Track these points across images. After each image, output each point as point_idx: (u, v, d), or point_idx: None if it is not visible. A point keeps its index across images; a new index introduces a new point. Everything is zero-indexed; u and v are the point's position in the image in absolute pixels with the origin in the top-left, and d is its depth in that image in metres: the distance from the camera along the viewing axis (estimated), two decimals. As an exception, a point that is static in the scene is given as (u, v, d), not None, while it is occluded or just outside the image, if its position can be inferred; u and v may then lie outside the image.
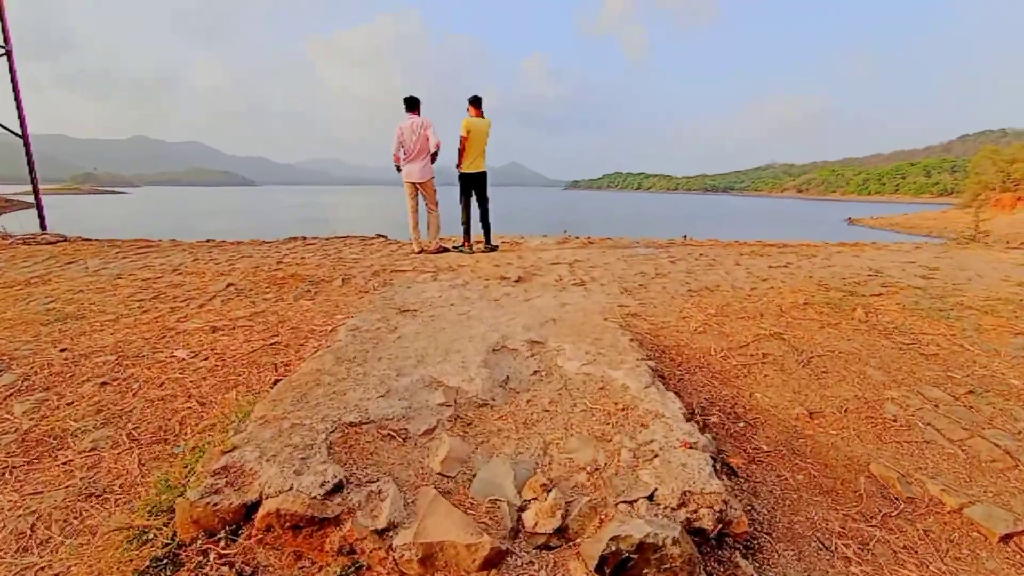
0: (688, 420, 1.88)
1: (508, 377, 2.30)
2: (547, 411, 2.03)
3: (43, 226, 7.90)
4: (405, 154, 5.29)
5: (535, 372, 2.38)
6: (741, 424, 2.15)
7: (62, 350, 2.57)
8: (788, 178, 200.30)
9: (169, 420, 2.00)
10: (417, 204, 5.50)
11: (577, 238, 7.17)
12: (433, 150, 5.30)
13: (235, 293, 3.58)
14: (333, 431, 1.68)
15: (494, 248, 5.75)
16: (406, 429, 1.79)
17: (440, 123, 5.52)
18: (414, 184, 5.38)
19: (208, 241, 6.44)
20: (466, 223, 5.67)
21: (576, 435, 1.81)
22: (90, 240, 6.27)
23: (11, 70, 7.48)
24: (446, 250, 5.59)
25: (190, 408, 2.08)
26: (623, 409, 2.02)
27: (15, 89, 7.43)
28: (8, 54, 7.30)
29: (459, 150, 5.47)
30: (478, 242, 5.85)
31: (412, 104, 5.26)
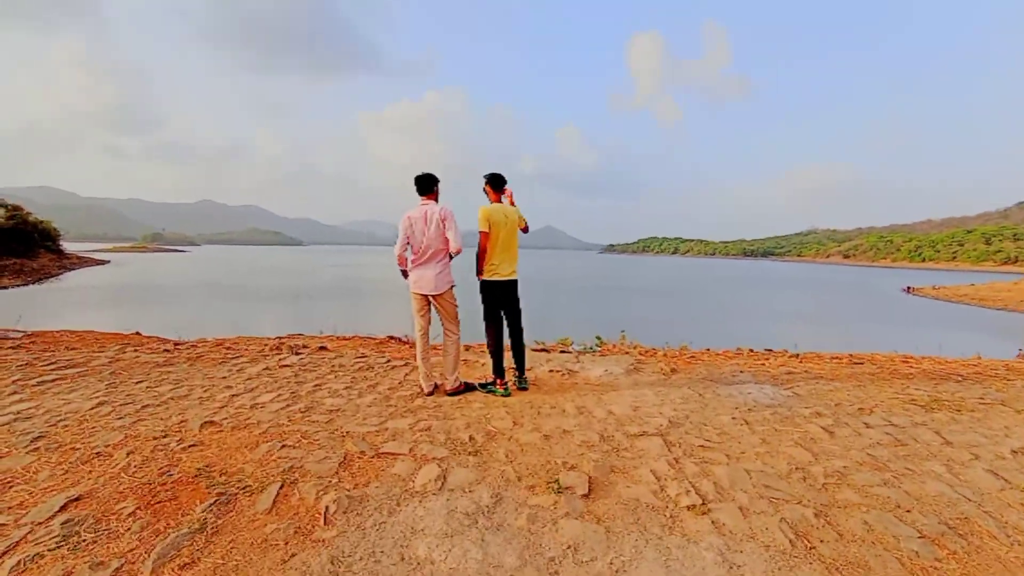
0: None
1: None
2: None
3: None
4: (414, 255, 3.62)
5: None
6: None
7: None
8: (832, 244, 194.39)
9: None
10: (429, 323, 3.75)
11: (649, 354, 5.28)
12: (453, 254, 3.69)
13: (59, 541, 1.90)
14: None
15: (525, 388, 3.93)
16: None
17: (471, 200, 4.10)
18: (426, 297, 3.67)
19: (167, 351, 4.97)
20: (496, 353, 3.82)
21: None
22: (23, 345, 4.94)
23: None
24: (471, 388, 3.81)
25: None
26: None
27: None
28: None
29: (479, 251, 3.74)
30: (510, 368, 4.08)
31: (426, 186, 3.62)
